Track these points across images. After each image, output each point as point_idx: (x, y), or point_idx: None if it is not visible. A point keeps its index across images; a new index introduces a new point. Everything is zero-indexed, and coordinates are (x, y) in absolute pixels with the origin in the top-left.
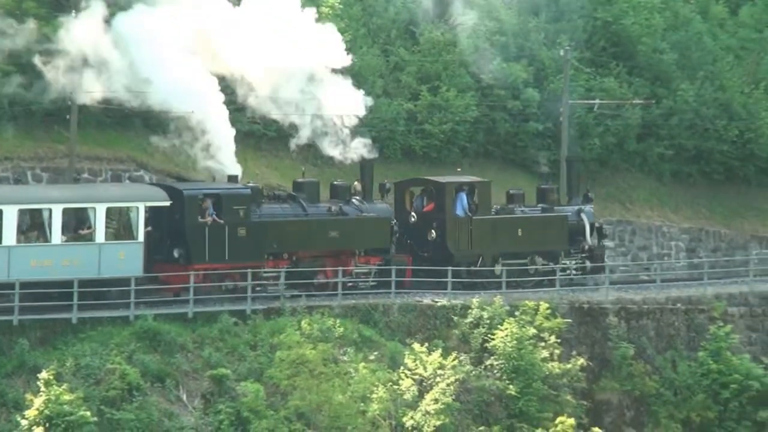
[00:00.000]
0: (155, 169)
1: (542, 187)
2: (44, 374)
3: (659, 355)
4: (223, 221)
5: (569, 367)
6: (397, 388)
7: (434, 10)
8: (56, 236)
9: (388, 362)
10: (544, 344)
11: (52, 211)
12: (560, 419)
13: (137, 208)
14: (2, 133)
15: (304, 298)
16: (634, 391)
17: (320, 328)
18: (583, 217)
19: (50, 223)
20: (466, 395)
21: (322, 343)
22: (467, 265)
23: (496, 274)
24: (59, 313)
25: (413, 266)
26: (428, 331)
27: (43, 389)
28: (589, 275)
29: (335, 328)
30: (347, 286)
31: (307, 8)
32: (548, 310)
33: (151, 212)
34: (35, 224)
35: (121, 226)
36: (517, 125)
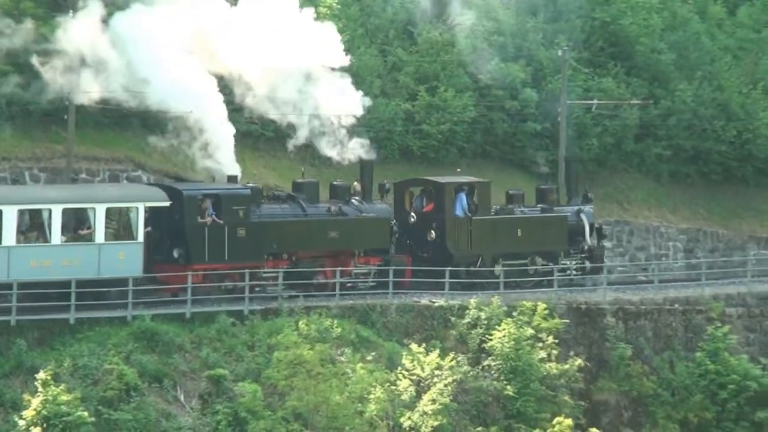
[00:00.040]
0: (153, 169)
1: (542, 187)
2: (42, 374)
3: (657, 355)
4: (222, 221)
5: (567, 367)
6: (394, 388)
7: (432, 10)
8: (56, 236)
9: (385, 363)
10: (541, 345)
11: (51, 211)
12: (558, 420)
13: (137, 208)
14: (0, 133)
15: (301, 298)
16: (631, 391)
17: (318, 328)
18: (582, 217)
19: (50, 223)
20: (463, 396)
21: (319, 343)
22: (467, 265)
23: (495, 274)
24: (57, 313)
25: (413, 267)
26: (426, 331)
27: (40, 389)
28: (588, 275)
29: (333, 328)
30: (347, 286)
31: (305, 8)
32: (546, 310)
33: (150, 212)
34: (35, 224)
35: (120, 226)
36: (515, 125)
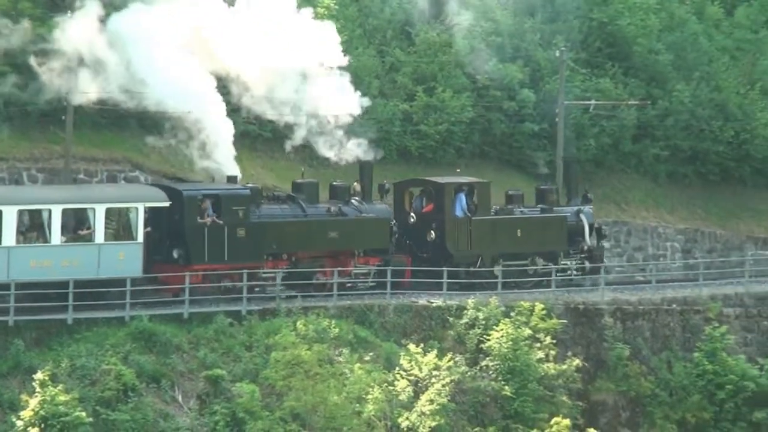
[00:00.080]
0: (151, 169)
1: (541, 187)
2: (39, 375)
3: (655, 355)
4: (222, 222)
5: (565, 367)
6: (392, 388)
7: (430, 10)
8: (56, 237)
9: (383, 363)
10: (539, 345)
11: (51, 211)
12: (556, 420)
13: (137, 208)
14: None
15: (299, 298)
16: (629, 391)
17: (316, 328)
18: (582, 217)
19: (50, 223)
20: (461, 396)
21: (317, 343)
22: (466, 265)
23: (495, 275)
24: (55, 313)
25: (412, 267)
26: (424, 331)
27: (38, 390)
28: (588, 276)
29: (331, 328)
30: (346, 286)
31: (303, 9)
32: (544, 310)
33: (150, 213)
34: (35, 225)
35: (120, 226)
36: (512, 126)
